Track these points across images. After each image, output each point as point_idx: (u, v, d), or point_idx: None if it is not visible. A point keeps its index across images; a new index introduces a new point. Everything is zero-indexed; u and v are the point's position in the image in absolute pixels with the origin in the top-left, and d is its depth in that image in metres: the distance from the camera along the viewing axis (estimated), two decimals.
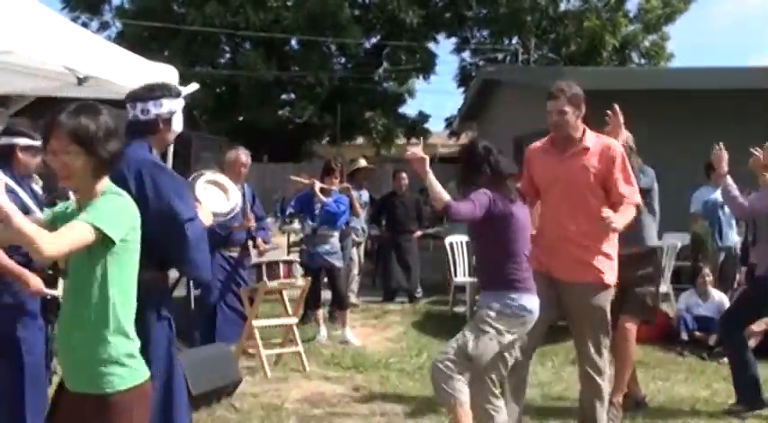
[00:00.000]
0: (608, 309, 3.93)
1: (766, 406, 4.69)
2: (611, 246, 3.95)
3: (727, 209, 8.06)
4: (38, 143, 3.69)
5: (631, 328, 4.67)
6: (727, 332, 5.02)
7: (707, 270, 6.97)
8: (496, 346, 3.53)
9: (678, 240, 8.02)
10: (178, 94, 3.22)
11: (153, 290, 2.87)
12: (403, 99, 26.50)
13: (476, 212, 3.49)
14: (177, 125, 3.17)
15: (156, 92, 3.14)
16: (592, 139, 3.96)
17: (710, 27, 62.25)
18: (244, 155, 6.07)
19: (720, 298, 6.81)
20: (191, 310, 6.14)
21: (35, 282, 3.47)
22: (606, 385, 3.99)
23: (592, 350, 3.93)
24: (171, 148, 6.21)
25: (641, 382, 5.42)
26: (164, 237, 2.87)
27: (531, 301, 3.59)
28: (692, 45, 67.22)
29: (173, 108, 3.12)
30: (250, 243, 6.09)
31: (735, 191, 4.86)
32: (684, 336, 6.54)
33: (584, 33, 23.92)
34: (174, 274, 6.79)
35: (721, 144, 4.96)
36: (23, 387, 3.55)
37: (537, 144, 4.16)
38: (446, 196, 3.57)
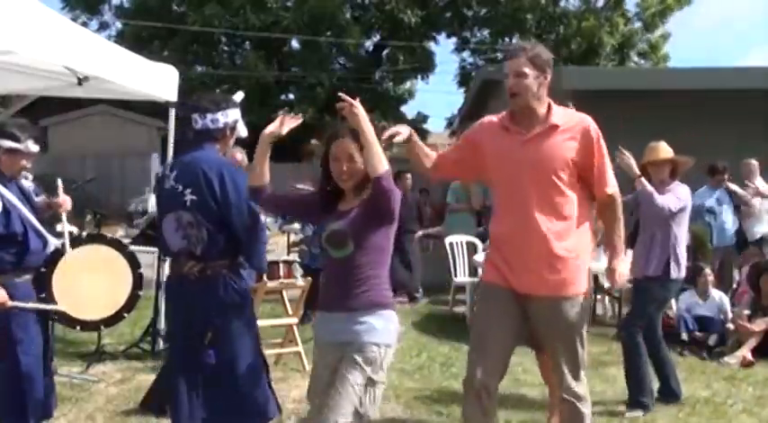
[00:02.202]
0: (584, 324, 3.32)
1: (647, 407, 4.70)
2: (587, 249, 3.32)
3: (717, 211, 8.10)
4: (21, 146, 3.66)
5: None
6: (627, 337, 4.84)
7: (708, 270, 6.97)
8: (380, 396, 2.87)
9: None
10: (236, 105, 3.58)
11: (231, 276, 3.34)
12: (403, 99, 26.50)
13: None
14: (242, 131, 3.63)
15: (222, 104, 3.50)
16: (561, 115, 3.24)
17: (697, 27, 62.22)
18: (239, 153, 6.09)
19: (721, 298, 6.80)
20: None
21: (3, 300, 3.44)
22: (589, 413, 3.35)
23: (569, 376, 3.28)
24: (171, 149, 6.23)
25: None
26: (242, 230, 3.33)
27: None
28: (682, 46, 67.15)
29: (236, 117, 3.54)
30: None
31: (648, 188, 4.66)
32: (684, 336, 6.54)
33: (582, 33, 23.92)
34: None
35: (621, 149, 4.60)
36: (21, 387, 3.54)
37: (493, 118, 3.40)
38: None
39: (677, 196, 4.73)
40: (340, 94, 2.86)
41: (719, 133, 9.03)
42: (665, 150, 4.84)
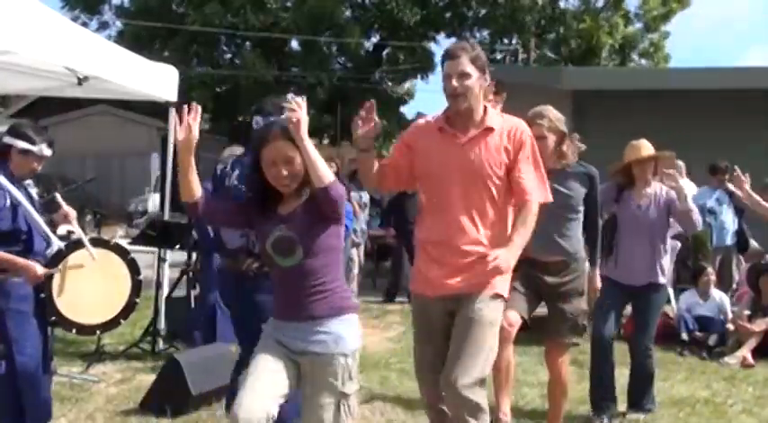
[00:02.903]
0: (496, 325, 3.08)
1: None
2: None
3: (717, 211, 8.10)
4: (35, 149, 3.66)
5: (563, 357, 4.07)
6: (645, 355, 4.65)
7: (710, 269, 6.97)
8: None
9: (678, 240, 8.02)
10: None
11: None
12: (403, 100, 26.51)
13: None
14: None
15: (284, 108, 3.58)
16: (495, 118, 3.14)
17: (697, 27, 62.31)
18: (238, 151, 6.10)
19: (721, 298, 6.81)
20: (191, 310, 6.15)
21: (36, 268, 3.48)
22: None
23: (466, 378, 2.95)
24: (171, 149, 6.22)
25: None
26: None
27: None
28: (682, 46, 67.22)
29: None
30: None
31: (691, 205, 4.53)
32: (685, 336, 6.54)
33: (582, 33, 23.93)
34: (174, 274, 6.81)
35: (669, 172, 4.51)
36: (17, 387, 3.54)
37: (428, 119, 3.27)
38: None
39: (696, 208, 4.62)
40: (289, 97, 2.72)
41: (719, 133, 9.03)
42: (647, 147, 4.62)
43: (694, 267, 7.43)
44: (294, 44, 24.91)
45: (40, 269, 3.50)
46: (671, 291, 7.83)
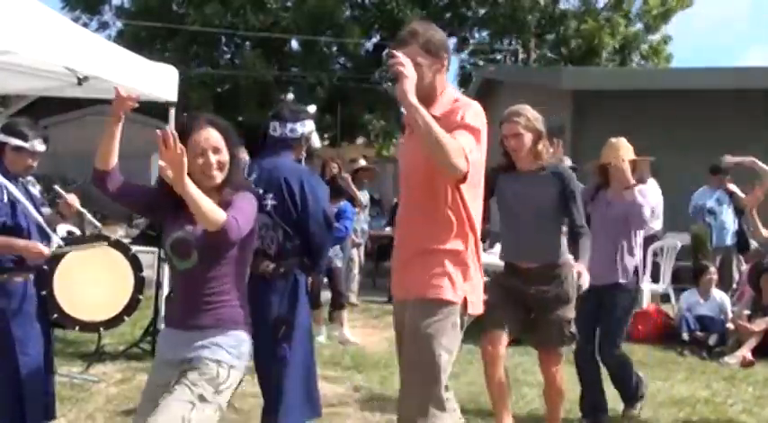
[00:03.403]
0: (441, 336, 2.74)
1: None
2: (470, 256, 2.84)
3: (717, 211, 8.10)
4: (27, 145, 3.66)
5: (557, 365, 3.94)
6: (613, 361, 4.56)
7: (712, 269, 6.98)
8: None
9: (678, 240, 8.03)
10: (312, 116, 3.79)
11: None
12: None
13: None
14: (316, 141, 3.87)
15: (301, 115, 3.73)
16: (443, 103, 2.83)
17: (696, 27, 62.24)
18: (241, 152, 6.12)
19: (722, 298, 6.81)
20: None
21: (37, 245, 3.47)
22: None
23: (414, 411, 2.72)
24: None
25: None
26: (316, 235, 3.61)
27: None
28: (682, 46, 67.25)
29: (312, 128, 3.75)
30: None
31: (639, 200, 4.35)
32: (686, 336, 6.54)
33: (583, 34, 23.93)
34: None
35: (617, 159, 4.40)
36: (20, 387, 3.54)
37: None
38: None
39: (651, 204, 4.50)
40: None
41: (719, 133, 9.03)
42: (626, 150, 4.49)
43: (695, 267, 7.43)
44: (294, 44, 24.92)
45: (43, 248, 3.48)
46: (671, 291, 7.86)
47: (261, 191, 3.48)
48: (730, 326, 6.56)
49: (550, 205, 3.84)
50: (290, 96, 4.00)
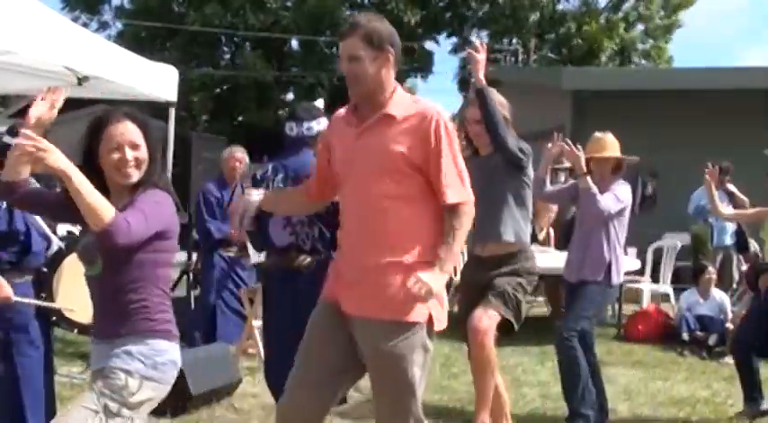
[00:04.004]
0: (418, 361, 2.58)
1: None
2: (427, 263, 2.56)
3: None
4: None
5: (486, 325, 3.57)
6: (561, 344, 4.28)
7: (711, 268, 6.98)
8: None
9: (678, 240, 8.03)
10: (324, 114, 3.82)
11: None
12: None
13: None
14: None
15: (314, 112, 3.79)
16: (402, 104, 2.64)
17: (695, 26, 62.29)
18: (239, 151, 6.14)
19: (721, 297, 6.81)
20: (191, 310, 6.15)
21: (4, 291, 3.37)
22: None
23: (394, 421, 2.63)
24: (171, 149, 6.23)
25: (641, 382, 5.43)
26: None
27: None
28: (681, 46, 67.26)
29: (326, 124, 3.68)
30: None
31: (592, 189, 4.16)
32: (686, 335, 6.54)
33: (582, 35, 23.95)
34: (174, 274, 6.79)
35: (566, 142, 4.26)
36: (19, 388, 3.54)
37: (343, 110, 2.83)
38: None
39: (618, 197, 4.23)
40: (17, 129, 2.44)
41: (719, 133, 9.03)
42: (611, 146, 4.33)
43: (695, 267, 7.44)
44: (294, 44, 24.95)
45: (9, 292, 3.36)
46: (670, 291, 7.86)
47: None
48: (730, 326, 6.55)
49: (516, 188, 3.74)
50: (320, 101, 4.07)
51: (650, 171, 9.24)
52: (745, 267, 7.99)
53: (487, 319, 3.57)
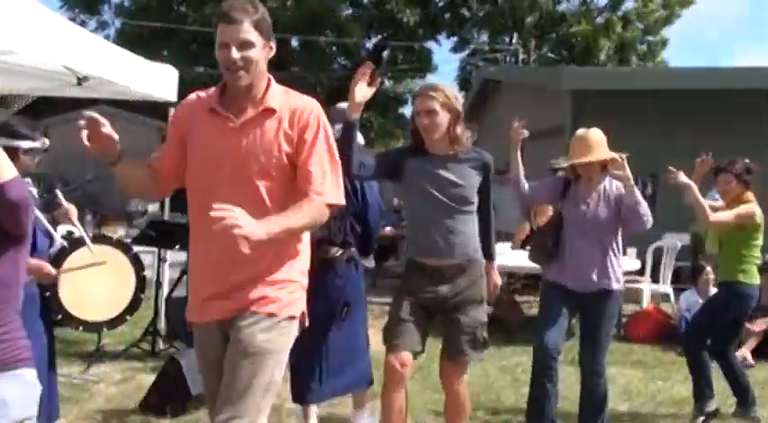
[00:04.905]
0: (277, 354, 2.45)
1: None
2: (302, 272, 2.53)
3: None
4: (38, 144, 3.68)
5: (460, 377, 3.48)
6: (599, 379, 4.08)
7: (709, 269, 6.97)
8: None
9: (678, 240, 8.03)
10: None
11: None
12: (404, 99, 26.55)
13: None
14: (359, 139, 4.09)
15: (339, 115, 3.73)
16: (278, 97, 2.47)
17: (694, 27, 62.31)
18: None
19: None
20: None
21: (48, 270, 3.49)
22: None
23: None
24: None
25: (641, 382, 5.43)
26: (372, 224, 4.01)
27: None
28: (679, 46, 67.26)
29: None
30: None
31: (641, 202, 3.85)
32: None
33: (580, 34, 23.96)
34: (174, 274, 6.81)
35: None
36: None
37: (200, 95, 2.61)
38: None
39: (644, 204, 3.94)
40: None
41: (719, 133, 9.03)
42: (596, 145, 3.96)
43: (694, 267, 7.43)
44: (294, 44, 24.95)
45: (51, 269, 3.50)
46: (670, 291, 7.86)
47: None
48: None
49: (469, 194, 3.42)
50: (344, 104, 4.09)
51: (650, 171, 9.25)
52: None
53: (462, 370, 3.51)
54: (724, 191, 4.63)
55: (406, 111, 26.96)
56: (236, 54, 2.37)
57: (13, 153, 3.65)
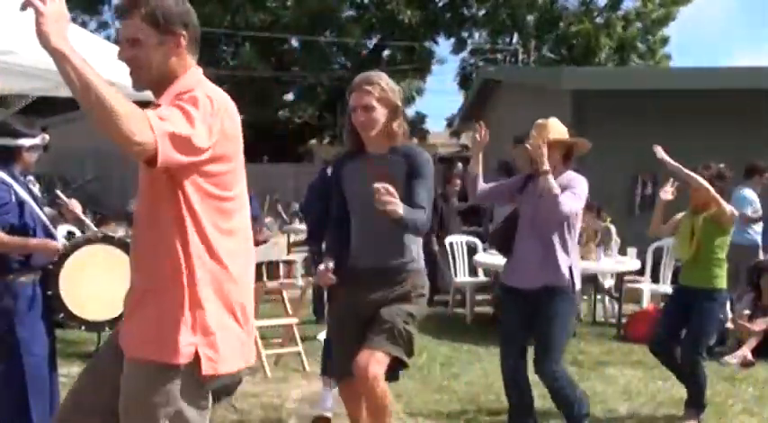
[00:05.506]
0: (160, 408, 2.04)
1: None
2: (199, 287, 2.06)
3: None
4: (38, 141, 3.69)
5: (375, 372, 3.06)
6: (551, 378, 3.96)
7: None
8: None
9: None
10: None
11: None
12: (411, 98, 26.59)
13: None
14: None
15: None
16: (176, 87, 2.20)
17: (694, 26, 62.40)
18: None
19: None
20: None
21: (53, 244, 3.55)
22: None
23: None
24: None
25: (641, 382, 5.43)
26: None
27: None
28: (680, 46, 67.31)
29: None
30: None
31: (555, 189, 3.68)
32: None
33: (580, 33, 23.96)
34: None
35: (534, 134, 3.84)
36: (26, 388, 3.55)
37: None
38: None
39: (579, 195, 3.78)
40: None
41: (719, 133, 9.03)
42: (556, 130, 3.88)
43: None
44: (294, 43, 24.96)
45: (56, 243, 3.57)
46: (670, 290, 7.84)
47: None
48: (730, 326, 6.56)
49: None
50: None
51: (650, 171, 9.24)
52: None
53: (376, 364, 3.07)
54: (694, 196, 4.60)
55: (407, 111, 26.99)
56: (125, 53, 2.19)
57: (16, 152, 3.65)
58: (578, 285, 3.88)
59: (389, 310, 3.13)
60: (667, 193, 4.65)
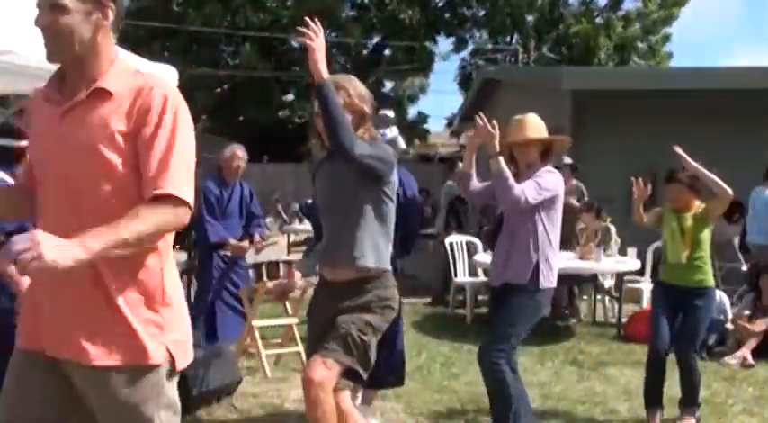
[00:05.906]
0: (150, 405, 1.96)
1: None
2: (144, 290, 1.96)
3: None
4: None
5: (321, 376, 2.87)
6: (489, 367, 3.78)
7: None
8: None
9: None
10: (395, 122, 4.35)
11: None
12: (409, 98, 26.58)
13: None
14: (401, 144, 4.38)
15: (387, 121, 4.19)
16: (121, 77, 1.96)
17: (693, 27, 62.49)
18: (240, 151, 6.13)
19: (721, 297, 6.80)
20: (191, 309, 6.15)
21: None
22: None
23: None
24: None
25: (641, 382, 5.42)
26: (412, 222, 4.27)
27: None
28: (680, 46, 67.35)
29: (396, 132, 4.29)
30: (246, 242, 6.09)
31: (505, 172, 3.63)
32: None
33: (580, 34, 23.98)
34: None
35: (479, 118, 3.71)
36: None
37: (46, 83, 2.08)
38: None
39: (540, 184, 3.67)
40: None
41: (719, 133, 9.03)
42: (533, 127, 3.82)
43: None
44: (294, 43, 24.96)
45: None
46: None
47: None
48: (730, 326, 6.56)
49: (353, 195, 3.02)
50: (390, 113, 4.16)
51: (650, 171, 9.24)
52: (745, 267, 7.99)
53: (323, 369, 2.88)
54: (675, 199, 4.58)
55: (407, 111, 26.97)
56: (43, 20, 1.90)
57: (20, 152, 3.66)
58: (549, 283, 3.77)
59: (346, 317, 2.97)
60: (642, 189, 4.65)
